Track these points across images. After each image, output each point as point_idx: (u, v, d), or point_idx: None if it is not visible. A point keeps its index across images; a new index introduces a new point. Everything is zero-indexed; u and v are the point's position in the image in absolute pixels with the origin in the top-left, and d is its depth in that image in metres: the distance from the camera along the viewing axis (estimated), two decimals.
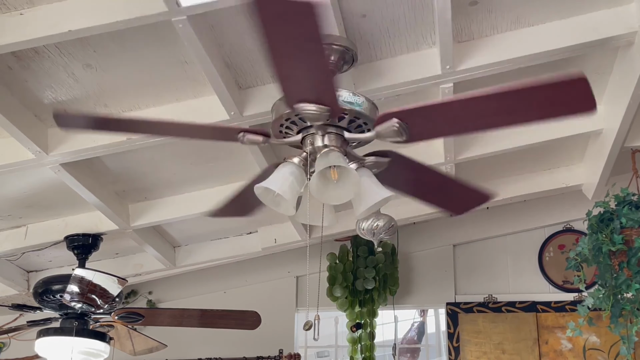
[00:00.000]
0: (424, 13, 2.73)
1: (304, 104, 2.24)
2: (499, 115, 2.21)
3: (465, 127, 2.43)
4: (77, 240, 3.89)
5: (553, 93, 2.09)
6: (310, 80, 2.13)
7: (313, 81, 2.13)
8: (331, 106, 2.25)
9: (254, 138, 2.43)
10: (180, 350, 4.88)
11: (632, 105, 3.25)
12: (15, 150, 3.07)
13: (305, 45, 1.93)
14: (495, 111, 2.19)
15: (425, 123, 2.29)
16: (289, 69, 2.06)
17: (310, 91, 2.19)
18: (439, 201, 2.83)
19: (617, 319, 3.63)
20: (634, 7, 2.87)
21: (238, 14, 2.58)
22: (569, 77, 2.01)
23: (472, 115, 2.23)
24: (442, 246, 5.04)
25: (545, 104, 2.14)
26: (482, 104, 2.16)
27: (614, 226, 3.63)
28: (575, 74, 2.00)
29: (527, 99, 2.13)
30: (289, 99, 2.24)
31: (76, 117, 2.46)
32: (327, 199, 2.38)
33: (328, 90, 2.18)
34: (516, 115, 2.22)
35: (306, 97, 2.21)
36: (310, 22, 1.82)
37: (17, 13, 2.47)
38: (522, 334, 4.67)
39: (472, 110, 2.20)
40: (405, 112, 2.25)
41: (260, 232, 4.49)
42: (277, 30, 1.87)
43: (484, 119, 2.26)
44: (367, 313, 4.65)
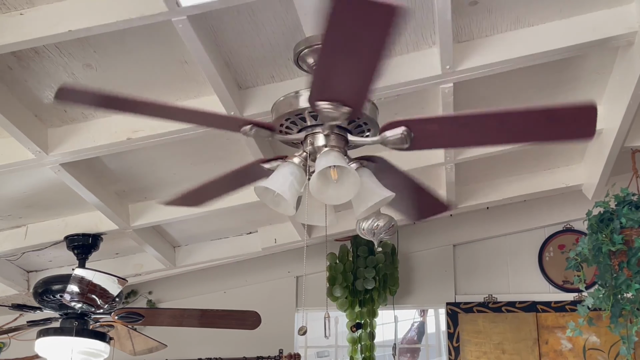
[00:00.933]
0: (424, 13, 2.73)
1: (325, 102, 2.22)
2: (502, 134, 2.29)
3: (467, 142, 2.50)
4: (77, 240, 3.89)
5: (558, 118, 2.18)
6: (354, 79, 2.10)
7: (356, 81, 2.11)
8: (356, 109, 2.25)
9: (260, 131, 2.42)
10: (180, 350, 4.88)
11: (632, 105, 3.25)
12: (15, 150, 3.06)
13: (372, 45, 1.90)
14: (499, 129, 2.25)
15: (430, 134, 2.32)
16: (338, 62, 2.02)
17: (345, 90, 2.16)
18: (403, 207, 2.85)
19: (617, 319, 3.63)
20: (634, 7, 2.87)
21: (238, 14, 2.58)
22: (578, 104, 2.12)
23: (476, 131, 2.29)
24: (442, 246, 5.04)
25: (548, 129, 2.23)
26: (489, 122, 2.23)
27: (614, 226, 3.63)
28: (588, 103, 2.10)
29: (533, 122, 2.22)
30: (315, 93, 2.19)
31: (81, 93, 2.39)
32: (327, 199, 2.38)
33: (362, 93, 2.18)
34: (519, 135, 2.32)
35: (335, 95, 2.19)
36: (386, 24, 1.81)
37: (17, 13, 2.47)
38: (522, 334, 4.67)
39: (478, 126, 2.26)
40: (414, 122, 2.28)
41: (260, 232, 4.49)
42: (347, 23, 1.83)
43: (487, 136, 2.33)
44: (367, 313, 4.65)
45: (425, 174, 4.03)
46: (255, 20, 2.63)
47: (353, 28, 1.84)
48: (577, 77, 3.34)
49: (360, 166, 2.50)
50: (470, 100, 3.31)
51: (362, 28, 1.83)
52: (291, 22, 2.63)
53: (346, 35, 1.88)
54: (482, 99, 3.37)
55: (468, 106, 3.33)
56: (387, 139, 2.34)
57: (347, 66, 2.02)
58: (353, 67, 2.02)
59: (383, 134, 2.34)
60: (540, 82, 3.34)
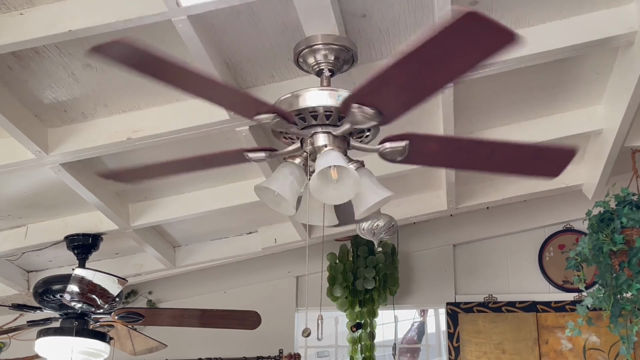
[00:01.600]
0: (424, 13, 2.73)
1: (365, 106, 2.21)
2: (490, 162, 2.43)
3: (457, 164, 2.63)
4: (77, 240, 3.89)
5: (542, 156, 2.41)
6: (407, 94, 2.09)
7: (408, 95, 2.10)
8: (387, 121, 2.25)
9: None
10: (180, 350, 4.88)
11: (632, 105, 3.25)
12: (15, 150, 3.06)
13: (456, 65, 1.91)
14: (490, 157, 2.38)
15: (427, 151, 2.33)
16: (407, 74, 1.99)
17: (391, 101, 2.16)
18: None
19: (616, 318, 3.64)
20: (634, 7, 2.87)
21: (238, 14, 2.58)
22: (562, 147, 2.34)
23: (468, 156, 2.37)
24: (442, 246, 5.04)
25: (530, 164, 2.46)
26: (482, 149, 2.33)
27: (615, 226, 3.63)
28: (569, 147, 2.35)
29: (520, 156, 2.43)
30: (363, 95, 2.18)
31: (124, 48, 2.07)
32: (327, 199, 2.38)
33: (403, 109, 2.18)
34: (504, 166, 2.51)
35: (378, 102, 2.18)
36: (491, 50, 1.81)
37: (17, 13, 2.47)
38: (522, 334, 4.67)
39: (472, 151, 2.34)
40: (418, 137, 2.28)
41: (260, 232, 4.49)
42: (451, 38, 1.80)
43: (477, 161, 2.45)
44: (367, 313, 4.65)
45: (425, 174, 4.04)
46: (255, 20, 2.63)
47: (456, 45, 1.82)
48: (577, 77, 3.34)
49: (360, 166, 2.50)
50: (470, 100, 3.31)
51: (466, 47, 1.82)
52: (291, 22, 2.63)
53: (442, 51, 1.85)
54: (482, 99, 3.37)
55: (468, 106, 3.34)
56: (386, 150, 2.35)
57: (415, 80, 2.01)
58: (421, 82, 2.01)
59: (383, 145, 2.35)
60: (540, 82, 3.34)
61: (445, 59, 1.88)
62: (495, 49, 1.81)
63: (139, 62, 2.04)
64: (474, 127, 3.60)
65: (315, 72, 2.68)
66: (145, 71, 2.08)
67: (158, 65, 2.02)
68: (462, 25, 1.73)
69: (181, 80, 2.15)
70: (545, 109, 3.58)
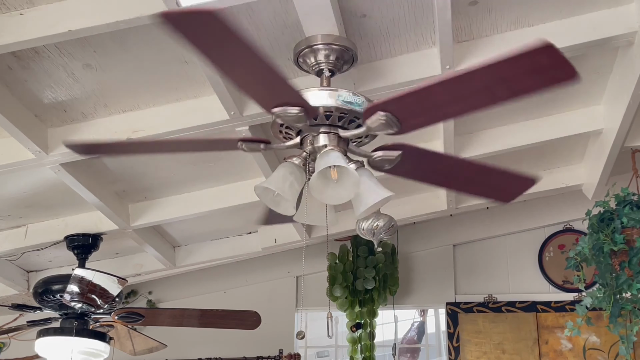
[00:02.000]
0: (424, 13, 2.73)
1: (280, 108, 2.23)
2: (481, 95, 2.14)
3: (452, 111, 2.38)
4: (77, 240, 3.89)
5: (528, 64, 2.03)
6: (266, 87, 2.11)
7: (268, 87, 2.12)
8: (303, 106, 2.25)
9: (254, 146, 2.44)
10: (180, 350, 4.88)
11: (632, 105, 3.25)
12: (15, 150, 3.06)
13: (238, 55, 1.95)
14: (476, 91, 2.12)
15: (413, 111, 2.25)
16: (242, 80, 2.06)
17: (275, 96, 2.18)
18: (481, 191, 2.78)
19: (616, 318, 3.64)
20: (634, 7, 2.87)
21: (238, 14, 2.58)
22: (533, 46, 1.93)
23: (455, 98, 2.18)
24: (442, 246, 5.04)
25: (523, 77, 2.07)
26: (462, 85, 2.10)
27: (615, 226, 3.63)
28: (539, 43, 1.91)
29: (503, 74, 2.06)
30: (263, 106, 2.25)
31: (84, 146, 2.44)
32: (327, 199, 2.38)
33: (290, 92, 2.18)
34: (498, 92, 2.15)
35: (276, 102, 2.20)
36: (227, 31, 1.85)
37: (17, 13, 2.47)
38: (522, 334, 4.67)
39: (454, 92, 2.15)
40: (389, 102, 2.23)
41: (260, 232, 4.49)
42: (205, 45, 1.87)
43: (468, 100, 2.19)
44: (367, 313, 4.65)
45: None
46: (255, 20, 2.63)
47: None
48: None
49: (360, 166, 2.50)
50: None
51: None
52: (291, 22, 2.63)
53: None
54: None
55: None
56: (370, 126, 2.33)
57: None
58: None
59: (366, 123, 2.33)
60: None
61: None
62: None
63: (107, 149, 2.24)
64: (474, 127, 3.61)
65: (315, 72, 2.68)
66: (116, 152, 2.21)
67: None
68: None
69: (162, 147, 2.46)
70: (545, 109, 3.58)
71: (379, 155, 2.45)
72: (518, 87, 1.95)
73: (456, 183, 2.71)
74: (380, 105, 2.24)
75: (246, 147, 2.43)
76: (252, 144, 2.43)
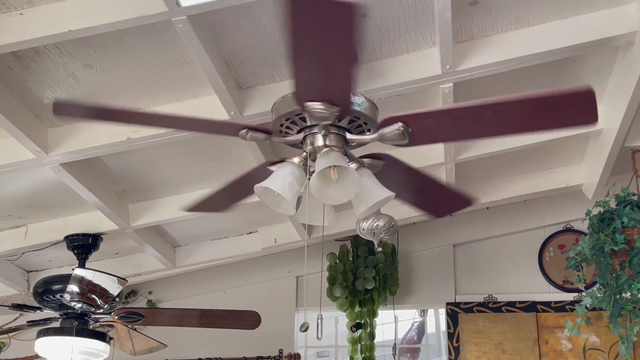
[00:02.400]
0: (424, 13, 2.73)
1: (314, 102, 2.23)
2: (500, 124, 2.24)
3: (466, 134, 2.47)
4: (77, 240, 3.89)
5: (556, 105, 2.10)
6: (331, 79, 2.10)
7: (333, 80, 2.11)
8: (343, 107, 2.25)
9: (256, 135, 2.43)
10: (180, 350, 4.88)
11: (632, 105, 3.25)
12: (15, 150, 3.07)
13: (338, 44, 1.90)
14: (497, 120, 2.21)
15: (428, 128, 2.30)
16: (311, 64, 2.03)
17: (326, 90, 2.17)
18: (424, 204, 2.84)
19: (616, 319, 3.64)
20: (634, 7, 2.87)
21: (238, 14, 2.58)
22: (575, 90, 2.02)
23: (474, 123, 2.26)
24: (442, 246, 5.04)
25: (548, 116, 2.15)
26: (486, 113, 2.19)
27: (616, 226, 3.63)
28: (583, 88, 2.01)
29: (531, 110, 2.14)
30: (300, 95, 2.22)
31: (76, 107, 2.41)
32: (327, 199, 2.38)
33: (345, 91, 2.18)
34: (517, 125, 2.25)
35: (319, 95, 2.20)
36: (348, 22, 1.80)
37: (17, 13, 2.47)
38: (522, 334, 4.67)
39: (476, 118, 2.23)
40: (410, 117, 2.26)
41: (260, 232, 4.49)
42: (308, 24, 1.82)
43: (486, 127, 2.28)
44: (367, 313, 4.65)
45: None
46: (255, 20, 2.63)
47: (316, 28, 1.83)
48: (577, 77, 3.34)
49: (360, 166, 2.50)
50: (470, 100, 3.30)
51: (325, 28, 1.83)
52: None
53: (311, 36, 1.87)
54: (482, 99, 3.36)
55: None
56: (385, 136, 2.34)
57: (321, 66, 2.02)
58: (327, 66, 2.01)
59: (380, 131, 2.34)
60: (541, 82, 3.33)
61: (321, 44, 1.90)
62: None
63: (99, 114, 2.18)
64: None
65: None
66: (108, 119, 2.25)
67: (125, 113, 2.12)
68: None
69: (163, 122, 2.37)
70: None
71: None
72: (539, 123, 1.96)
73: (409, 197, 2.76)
74: (402, 117, 2.27)
75: (249, 135, 2.43)
76: (255, 133, 2.43)
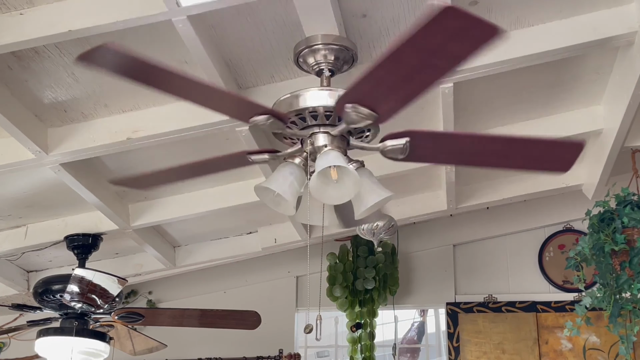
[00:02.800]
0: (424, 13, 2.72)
1: (358, 105, 2.21)
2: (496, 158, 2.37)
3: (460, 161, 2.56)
4: (77, 240, 3.89)
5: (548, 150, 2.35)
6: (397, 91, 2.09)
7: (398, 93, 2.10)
8: (382, 120, 2.25)
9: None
10: (180, 350, 4.88)
11: (632, 105, 3.25)
12: (15, 150, 3.06)
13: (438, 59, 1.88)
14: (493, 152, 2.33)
15: (428, 148, 2.32)
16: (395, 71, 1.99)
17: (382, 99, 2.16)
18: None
19: (616, 318, 3.64)
20: (634, 7, 2.86)
21: (238, 14, 2.58)
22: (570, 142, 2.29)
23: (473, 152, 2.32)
24: (442, 246, 5.04)
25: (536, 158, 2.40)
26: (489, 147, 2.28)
27: (616, 226, 3.63)
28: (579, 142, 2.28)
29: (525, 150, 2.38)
30: (355, 94, 2.18)
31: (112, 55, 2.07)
32: (327, 199, 2.38)
33: (396, 108, 2.18)
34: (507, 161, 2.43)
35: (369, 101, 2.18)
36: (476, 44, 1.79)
37: (17, 13, 2.47)
38: (522, 334, 4.67)
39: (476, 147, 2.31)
40: (418, 134, 2.27)
41: (260, 232, 4.49)
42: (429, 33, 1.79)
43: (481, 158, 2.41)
44: (367, 313, 4.65)
45: (425, 174, 4.04)
46: (255, 20, 2.63)
47: (440, 41, 1.80)
48: (577, 77, 3.34)
49: (360, 166, 2.50)
50: (470, 101, 3.31)
51: (450, 42, 1.80)
52: (291, 22, 2.63)
53: (424, 48, 1.84)
54: (482, 99, 3.37)
55: (468, 107, 3.33)
56: (387, 148, 2.35)
57: (403, 77, 1.99)
58: (408, 80, 2.00)
59: (384, 143, 2.35)
60: (541, 82, 3.34)
61: (428, 56, 1.88)
62: (477, 44, 1.80)
63: (128, 67, 2.01)
64: (474, 128, 3.60)
65: (315, 72, 2.68)
66: (134, 77, 2.06)
67: (148, 70, 2.00)
68: (441, 21, 1.73)
69: (172, 84, 2.14)
70: (545, 109, 3.57)
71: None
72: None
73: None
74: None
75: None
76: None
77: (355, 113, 2.23)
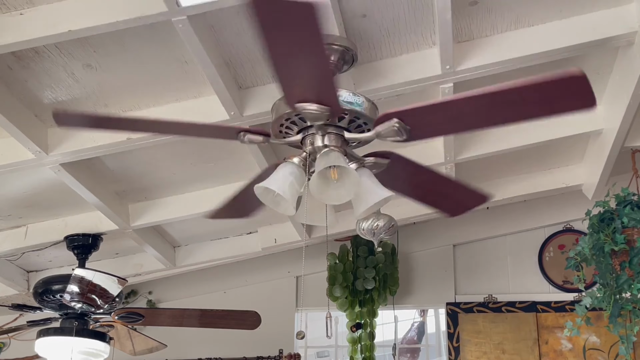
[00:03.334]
0: (424, 13, 2.73)
1: (304, 103, 2.24)
2: (496, 113, 2.21)
3: (464, 126, 2.45)
4: (77, 240, 3.89)
5: (551, 90, 2.07)
6: (311, 81, 2.12)
7: (313, 81, 2.13)
8: (331, 106, 2.25)
9: (254, 137, 2.43)
10: (180, 350, 4.88)
11: (632, 105, 3.25)
12: (15, 150, 3.07)
13: (306, 46, 1.92)
14: (493, 109, 2.18)
15: (425, 122, 2.29)
16: (289, 69, 2.05)
17: (311, 91, 2.18)
18: (437, 202, 2.83)
19: (616, 318, 3.64)
20: (634, 7, 2.87)
21: (238, 14, 2.58)
22: (567, 74, 1.99)
23: (470, 114, 2.23)
24: (442, 246, 5.04)
25: (544, 101, 2.12)
26: (481, 102, 2.15)
27: (616, 226, 3.63)
28: (574, 71, 1.98)
29: (525, 96, 2.12)
30: (289, 98, 2.24)
31: (76, 116, 2.44)
32: (327, 199, 2.38)
33: (329, 90, 2.18)
34: (514, 112, 2.21)
35: (306, 97, 2.21)
36: (310, 23, 1.81)
37: (17, 13, 2.47)
38: (522, 334, 4.67)
39: (471, 108, 2.20)
40: (405, 112, 2.25)
41: (260, 232, 4.49)
42: (276, 31, 1.85)
43: (482, 117, 2.25)
44: (367, 313, 4.65)
45: None
46: None
47: (284, 30, 1.86)
48: None
49: (360, 166, 2.50)
50: None
51: (292, 28, 1.85)
52: None
53: (282, 39, 1.89)
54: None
55: None
56: (381, 133, 2.33)
57: (298, 66, 2.03)
58: (304, 65, 2.03)
59: (376, 128, 2.34)
60: None
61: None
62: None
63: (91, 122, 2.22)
64: None
65: None
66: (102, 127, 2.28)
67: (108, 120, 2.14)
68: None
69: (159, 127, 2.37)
70: None
71: (371, 161, 2.47)
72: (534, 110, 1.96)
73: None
74: (397, 113, 2.26)
75: (247, 138, 2.43)
76: (252, 136, 2.43)
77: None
